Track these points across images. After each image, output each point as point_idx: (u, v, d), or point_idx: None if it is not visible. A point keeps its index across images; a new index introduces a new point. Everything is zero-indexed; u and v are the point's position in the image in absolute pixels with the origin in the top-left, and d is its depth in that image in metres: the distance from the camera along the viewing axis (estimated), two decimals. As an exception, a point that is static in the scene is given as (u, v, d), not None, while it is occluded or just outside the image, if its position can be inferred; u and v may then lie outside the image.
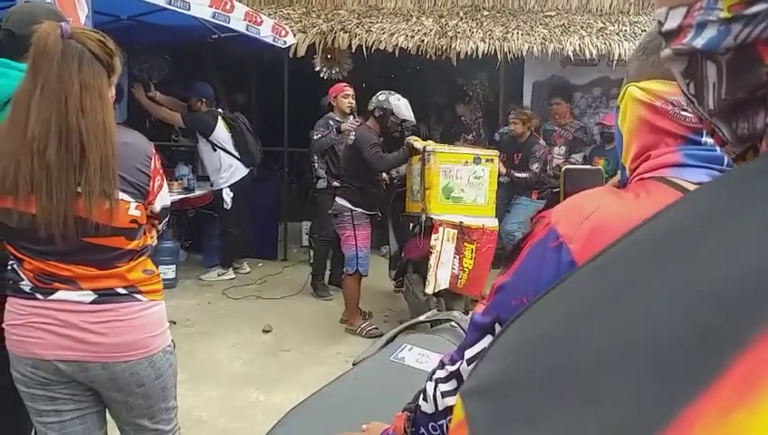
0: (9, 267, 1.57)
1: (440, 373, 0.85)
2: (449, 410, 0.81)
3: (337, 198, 4.37)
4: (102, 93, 1.51)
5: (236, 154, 5.43)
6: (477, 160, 4.12)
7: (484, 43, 5.92)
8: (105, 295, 1.56)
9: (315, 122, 5.15)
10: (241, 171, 5.46)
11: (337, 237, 4.56)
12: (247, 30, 5.02)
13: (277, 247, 6.31)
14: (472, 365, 0.78)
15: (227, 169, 5.41)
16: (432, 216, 3.95)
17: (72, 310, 1.53)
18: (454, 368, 0.82)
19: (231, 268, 5.64)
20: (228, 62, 6.33)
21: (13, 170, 1.44)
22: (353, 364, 1.49)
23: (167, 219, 1.81)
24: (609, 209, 0.71)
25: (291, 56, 5.91)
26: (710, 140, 0.75)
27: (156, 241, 1.78)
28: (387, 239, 5.13)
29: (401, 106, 4.29)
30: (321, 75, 6.13)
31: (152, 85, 5.52)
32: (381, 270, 5.30)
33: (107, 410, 1.72)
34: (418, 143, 4.23)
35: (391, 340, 1.60)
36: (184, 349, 3.70)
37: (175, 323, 4.15)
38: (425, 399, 0.85)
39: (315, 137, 5.07)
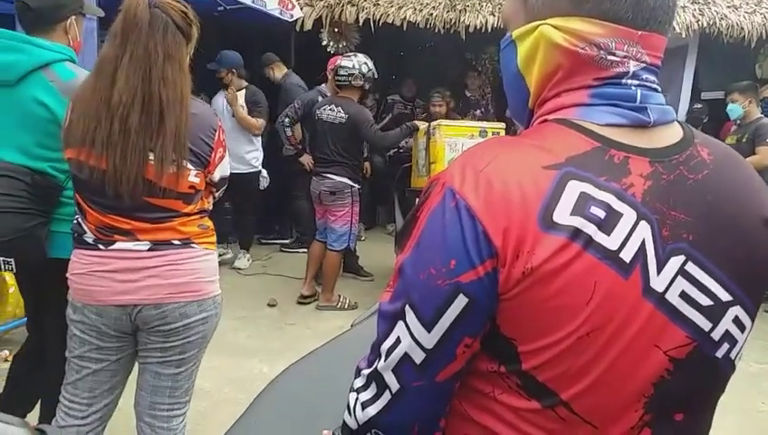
0: (75, 221, 1.68)
1: (358, 382, 0.74)
2: (372, 422, 0.72)
3: (334, 176, 4.15)
4: (182, 64, 1.59)
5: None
6: (483, 133, 4.07)
7: (494, 16, 5.82)
8: (161, 245, 1.63)
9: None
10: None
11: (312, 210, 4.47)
12: (253, 2, 4.95)
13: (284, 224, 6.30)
14: (391, 360, 0.69)
15: (259, 149, 5.14)
16: (438, 190, 3.91)
17: (130, 256, 1.61)
18: (371, 370, 0.72)
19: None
20: (234, 35, 6.25)
21: (93, 128, 1.53)
22: (351, 326, 1.47)
23: (224, 187, 1.88)
24: (504, 160, 0.66)
25: (297, 30, 5.85)
26: (632, 81, 0.68)
27: (211, 206, 1.84)
28: (393, 217, 5.08)
29: (372, 66, 4.25)
30: (329, 50, 6.06)
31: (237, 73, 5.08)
32: (387, 247, 5.28)
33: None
34: (423, 124, 4.22)
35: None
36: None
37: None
38: (348, 412, 0.75)
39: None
